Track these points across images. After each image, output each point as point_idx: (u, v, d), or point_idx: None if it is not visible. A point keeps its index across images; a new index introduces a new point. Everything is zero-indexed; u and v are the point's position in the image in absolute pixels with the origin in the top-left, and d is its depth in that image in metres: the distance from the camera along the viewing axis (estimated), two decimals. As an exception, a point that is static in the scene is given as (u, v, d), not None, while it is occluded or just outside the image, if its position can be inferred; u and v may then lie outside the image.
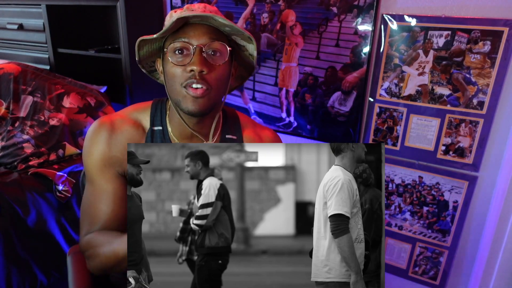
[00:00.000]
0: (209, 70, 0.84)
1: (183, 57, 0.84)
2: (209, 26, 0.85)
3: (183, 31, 0.85)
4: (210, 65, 0.84)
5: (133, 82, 2.03)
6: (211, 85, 0.85)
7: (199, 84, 0.83)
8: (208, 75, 0.84)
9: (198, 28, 0.85)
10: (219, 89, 0.88)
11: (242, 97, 2.05)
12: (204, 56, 0.83)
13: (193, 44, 0.83)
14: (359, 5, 1.61)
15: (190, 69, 0.83)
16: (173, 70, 0.85)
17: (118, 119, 0.96)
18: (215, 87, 0.86)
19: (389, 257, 1.86)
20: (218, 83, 0.86)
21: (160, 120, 0.97)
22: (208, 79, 0.84)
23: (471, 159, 1.55)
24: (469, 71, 1.47)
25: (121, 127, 0.94)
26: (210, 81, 0.85)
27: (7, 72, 2.02)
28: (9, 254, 1.56)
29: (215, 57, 0.85)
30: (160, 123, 0.97)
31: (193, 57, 0.83)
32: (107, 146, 0.92)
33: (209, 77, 0.84)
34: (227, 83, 0.91)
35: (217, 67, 0.85)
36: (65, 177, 1.76)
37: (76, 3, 2.07)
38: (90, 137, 0.94)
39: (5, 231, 1.56)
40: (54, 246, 1.73)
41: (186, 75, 0.84)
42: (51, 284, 1.71)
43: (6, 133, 1.92)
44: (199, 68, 0.82)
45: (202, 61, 0.83)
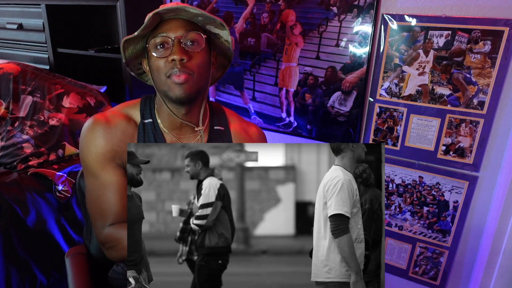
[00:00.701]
0: (188, 57, 0.91)
1: (164, 50, 0.92)
2: (183, 20, 0.93)
3: (161, 27, 0.92)
4: (189, 53, 0.91)
5: (133, 82, 2.03)
6: (193, 71, 0.92)
7: (181, 71, 0.90)
8: (188, 63, 0.91)
9: (173, 22, 0.92)
10: (201, 74, 0.94)
11: (242, 97, 2.05)
12: (182, 46, 0.91)
13: (171, 37, 0.91)
14: (359, 5, 1.61)
15: (172, 59, 0.90)
16: (157, 63, 0.92)
17: (110, 114, 1.02)
18: (197, 72, 0.92)
19: (389, 257, 1.86)
20: (199, 69, 0.93)
21: (149, 113, 1.03)
22: (189, 66, 0.91)
23: (472, 159, 1.55)
24: (469, 71, 1.47)
25: (115, 121, 1.00)
26: (192, 67, 0.92)
27: (6, 72, 2.02)
28: (9, 254, 1.56)
29: (193, 46, 0.92)
30: (150, 116, 1.03)
31: (172, 48, 0.90)
32: (104, 140, 0.97)
33: (190, 64, 0.91)
34: (208, 69, 0.98)
35: (196, 55, 0.92)
36: (64, 177, 1.76)
37: (76, 3, 2.07)
38: (86, 134, 0.99)
39: (5, 231, 1.56)
40: (53, 246, 1.72)
41: (168, 65, 0.91)
42: (50, 284, 1.71)
43: (5, 133, 1.92)
44: (179, 56, 0.89)
45: (181, 51, 0.90)
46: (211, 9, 1.98)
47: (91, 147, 0.97)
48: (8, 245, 1.56)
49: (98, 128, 0.98)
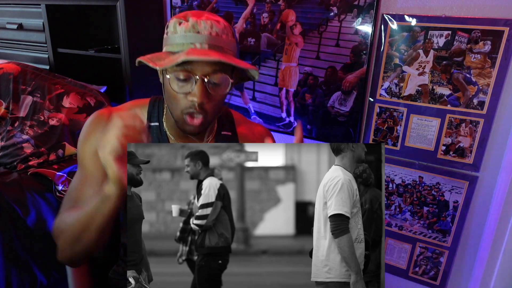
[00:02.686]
0: (209, 100, 0.85)
1: (184, 85, 0.84)
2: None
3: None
4: (210, 95, 0.84)
5: (133, 82, 2.03)
6: (208, 113, 0.86)
7: (198, 114, 0.85)
8: (207, 105, 0.85)
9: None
10: (215, 112, 0.89)
11: (242, 97, 2.05)
12: (205, 87, 0.83)
13: (195, 74, 0.82)
14: (359, 5, 1.61)
15: (191, 99, 0.83)
16: (175, 94, 0.85)
17: (117, 110, 0.98)
18: (211, 113, 0.88)
19: (389, 257, 1.86)
20: (215, 109, 0.88)
21: (157, 117, 0.99)
22: (207, 108, 0.86)
23: (472, 159, 1.55)
24: (469, 71, 1.47)
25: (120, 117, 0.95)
26: (209, 110, 0.86)
27: (6, 72, 2.01)
28: (9, 254, 1.56)
29: (217, 88, 0.85)
30: (157, 120, 0.99)
31: (194, 88, 0.82)
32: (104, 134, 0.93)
33: (208, 107, 0.86)
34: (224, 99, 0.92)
35: (218, 96, 0.86)
36: (64, 177, 1.76)
37: (76, 3, 2.07)
38: (88, 126, 0.96)
39: (5, 231, 1.56)
40: (54, 246, 1.70)
41: (186, 103, 0.85)
42: (51, 284, 1.71)
43: (5, 133, 1.92)
44: (199, 100, 0.83)
45: (203, 93, 0.83)
46: (211, 9, 1.98)
47: (89, 137, 0.94)
48: (8, 245, 1.56)
49: (101, 122, 0.95)
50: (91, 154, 0.93)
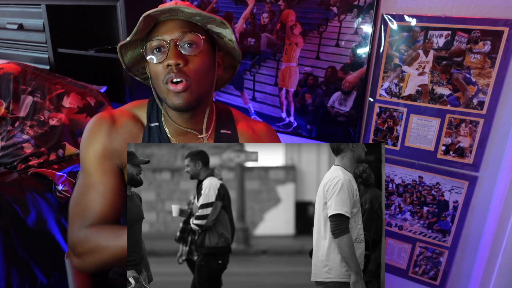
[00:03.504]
0: (185, 62, 0.85)
1: (161, 55, 0.86)
2: (180, 20, 0.87)
3: (156, 30, 0.87)
4: (185, 57, 0.86)
5: (133, 82, 2.03)
6: (190, 77, 0.86)
7: (178, 78, 0.85)
8: (185, 68, 0.85)
9: (169, 24, 0.87)
10: (200, 80, 0.88)
11: (242, 97, 2.05)
12: (179, 50, 0.85)
13: (166, 40, 0.85)
14: (359, 5, 1.61)
15: (167, 64, 0.85)
16: (155, 69, 0.87)
17: (118, 113, 0.97)
18: (195, 79, 0.87)
19: (389, 257, 1.86)
20: (198, 75, 0.87)
21: (156, 116, 0.99)
22: (186, 71, 0.86)
23: (471, 159, 1.55)
24: (469, 71, 1.47)
25: (121, 121, 0.96)
26: (189, 73, 0.86)
27: (7, 72, 2.02)
28: (9, 254, 1.56)
29: (190, 49, 0.86)
30: (156, 120, 0.99)
31: (168, 52, 0.85)
32: (108, 139, 0.92)
33: (187, 69, 0.86)
34: (211, 73, 0.92)
35: (194, 58, 0.87)
36: (65, 177, 1.76)
37: (76, 3, 2.07)
38: (90, 130, 0.95)
39: (5, 231, 1.56)
40: (54, 246, 1.72)
41: (165, 71, 0.86)
42: (51, 284, 1.71)
43: (6, 133, 1.92)
44: (174, 61, 0.84)
45: (176, 55, 0.84)
46: (211, 9, 1.98)
47: (92, 142, 0.93)
48: (8, 245, 1.56)
49: (104, 125, 0.93)
50: (96, 159, 0.92)
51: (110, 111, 0.98)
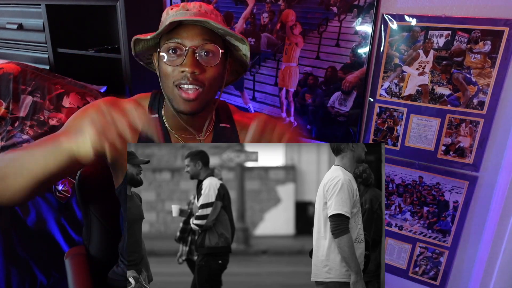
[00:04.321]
0: (201, 71, 0.86)
1: (176, 57, 0.86)
2: (202, 27, 0.86)
3: (177, 31, 0.86)
4: (202, 66, 0.86)
5: (133, 82, 2.03)
6: (204, 85, 0.87)
7: (191, 85, 0.85)
8: (200, 76, 0.86)
9: (191, 29, 0.86)
10: (211, 88, 0.89)
11: (242, 97, 2.05)
12: (196, 58, 0.85)
13: (186, 45, 0.85)
14: (359, 5, 1.61)
15: (182, 70, 0.85)
16: (166, 69, 0.87)
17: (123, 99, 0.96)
18: (207, 87, 0.88)
19: (389, 257, 1.86)
20: (210, 83, 0.88)
21: (157, 108, 1.01)
22: (200, 79, 0.86)
23: (472, 159, 1.55)
24: (469, 71, 1.47)
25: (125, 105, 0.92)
26: (203, 81, 0.86)
27: (6, 72, 2.02)
28: (9, 254, 1.56)
29: (207, 59, 0.87)
30: (157, 111, 1.00)
31: (185, 58, 0.85)
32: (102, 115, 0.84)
33: (201, 77, 0.86)
34: (221, 82, 0.94)
35: (209, 68, 0.87)
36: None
37: (76, 3, 2.07)
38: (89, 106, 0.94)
39: (5, 231, 1.56)
40: (54, 246, 1.72)
41: (178, 75, 0.86)
42: (51, 284, 1.71)
43: (5, 133, 1.92)
44: (191, 69, 0.84)
45: (194, 63, 0.84)
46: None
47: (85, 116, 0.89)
48: (8, 245, 1.56)
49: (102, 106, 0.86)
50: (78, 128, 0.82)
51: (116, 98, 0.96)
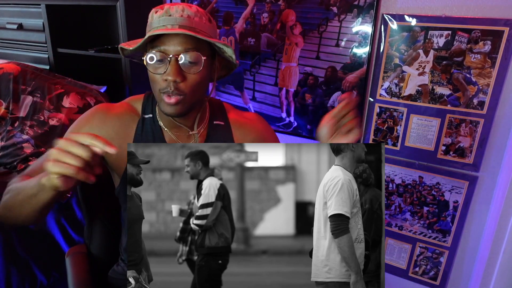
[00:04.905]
0: (183, 78, 0.87)
1: (161, 65, 0.87)
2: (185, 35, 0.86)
3: (160, 39, 0.87)
4: (184, 74, 0.87)
5: (133, 82, 2.03)
6: (185, 93, 0.88)
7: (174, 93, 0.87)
8: (182, 84, 0.87)
9: (174, 37, 0.86)
10: (194, 93, 0.90)
11: (242, 97, 2.05)
12: (179, 66, 0.86)
13: (168, 54, 0.85)
14: (359, 5, 1.61)
15: (165, 78, 0.86)
16: (152, 75, 0.89)
17: (115, 104, 1.02)
18: (189, 93, 0.89)
19: (389, 257, 1.86)
20: (193, 89, 0.90)
21: (150, 108, 1.03)
22: (182, 87, 0.87)
23: (472, 159, 1.55)
24: (469, 71, 1.47)
25: (117, 110, 1.00)
26: (185, 89, 0.88)
27: (6, 72, 2.02)
28: (9, 254, 1.56)
29: (190, 66, 0.87)
30: (150, 112, 1.03)
31: (168, 67, 0.85)
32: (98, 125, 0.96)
33: (183, 86, 0.88)
34: (206, 84, 0.95)
35: (192, 75, 0.88)
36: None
37: (76, 3, 2.07)
38: (85, 115, 0.99)
39: (5, 231, 1.56)
40: (54, 246, 1.72)
41: (163, 83, 0.87)
42: (50, 284, 1.71)
43: (5, 133, 1.92)
44: (173, 78, 0.85)
45: (176, 72, 0.85)
46: (211, 9, 1.98)
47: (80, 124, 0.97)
48: (8, 245, 1.56)
49: (98, 113, 0.98)
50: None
51: (109, 104, 1.03)
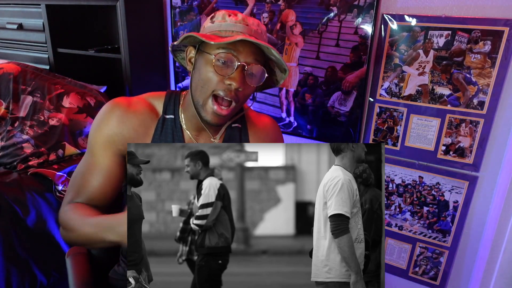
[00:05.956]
0: (244, 88, 0.88)
1: (224, 68, 0.86)
2: (256, 47, 0.87)
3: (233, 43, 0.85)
4: (246, 83, 0.88)
5: (133, 82, 2.03)
6: (239, 100, 0.90)
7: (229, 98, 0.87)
8: (240, 92, 0.89)
9: (247, 46, 0.86)
10: (242, 103, 0.93)
11: (242, 97, 2.05)
12: (244, 74, 0.87)
13: (239, 60, 0.86)
14: (359, 5, 1.61)
15: (229, 83, 0.86)
16: (210, 76, 0.87)
17: (134, 100, 1.00)
18: (240, 102, 0.91)
19: (389, 257, 1.86)
20: (245, 99, 0.92)
21: (172, 109, 1.01)
22: (239, 95, 0.89)
23: (472, 159, 1.55)
24: (469, 71, 1.47)
25: (136, 108, 0.98)
26: (240, 97, 0.89)
27: (6, 72, 2.02)
28: (9, 254, 1.56)
29: (252, 79, 0.88)
30: (172, 112, 1.00)
31: (235, 73, 0.86)
32: (118, 124, 0.95)
33: (241, 94, 0.89)
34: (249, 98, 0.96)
35: (250, 87, 0.90)
36: (64, 177, 1.76)
37: (76, 3, 2.07)
38: (103, 112, 0.97)
39: (5, 231, 1.56)
40: (54, 246, 1.72)
41: (220, 85, 0.87)
42: (50, 284, 1.71)
43: (5, 133, 1.92)
44: (237, 85, 0.86)
45: (242, 79, 0.86)
46: (211, 9, 1.98)
47: (102, 126, 0.95)
48: (8, 245, 1.56)
49: (116, 110, 0.96)
50: (102, 142, 0.95)
51: (127, 98, 1.00)
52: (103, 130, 0.95)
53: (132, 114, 0.96)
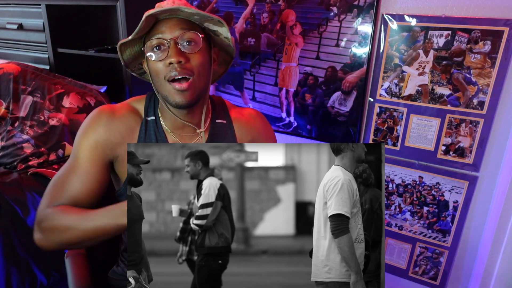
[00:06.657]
0: (186, 59, 0.88)
1: (161, 52, 0.89)
2: (179, 19, 0.89)
3: (156, 28, 0.89)
4: (186, 54, 0.89)
5: (133, 82, 2.03)
6: (192, 72, 0.89)
7: (181, 75, 0.88)
8: (187, 64, 0.89)
9: (169, 22, 0.89)
10: (201, 76, 0.92)
11: (242, 97, 2.05)
12: (179, 48, 0.88)
13: (166, 38, 0.88)
14: (359, 5, 1.61)
15: (169, 62, 0.87)
16: (155, 66, 0.90)
17: (118, 106, 1.01)
18: (197, 74, 0.90)
19: (389, 257, 1.86)
20: (199, 70, 0.90)
21: (153, 111, 1.02)
22: (188, 67, 0.89)
23: (472, 159, 1.55)
24: (469, 71, 1.47)
25: (120, 113, 0.99)
26: (191, 68, 0.89)
27: (7, 72, 2.02)
28: (9, 254, 1.56)
29: (190, 47, 0.89)
30: (153, 113, 1.02)
31: (169, 50, 0.87)
32: (104, 130, 0.95)
33: (188, 65, 0.89)
34: (209, 69, 0.96)
35: (194, 56, 0.90)
36: (65, 177, 1.76)
37: (76, 3, 2.07)
38: (89, 119, 0.98)
39: (5, 231, 1.56)
40: (54, 246, 1.72)
41: (167, 69, 0.88)
42: (50, 284, 1.71)
43: (5, 133, 1.92)
44: (176, 59, 0.86)
45: (178, 52, 0.87)
46: (211, 9, 1.98)
47: (88, 132, 0.96)
48: (8, 245, 1.56)
49: (102, 117, 0.97)
50: (87, 147, 0.95)
51: (112, 105, 1.02)
52: (90, 136, 0.95)
53: (118, 119, 0.97)
